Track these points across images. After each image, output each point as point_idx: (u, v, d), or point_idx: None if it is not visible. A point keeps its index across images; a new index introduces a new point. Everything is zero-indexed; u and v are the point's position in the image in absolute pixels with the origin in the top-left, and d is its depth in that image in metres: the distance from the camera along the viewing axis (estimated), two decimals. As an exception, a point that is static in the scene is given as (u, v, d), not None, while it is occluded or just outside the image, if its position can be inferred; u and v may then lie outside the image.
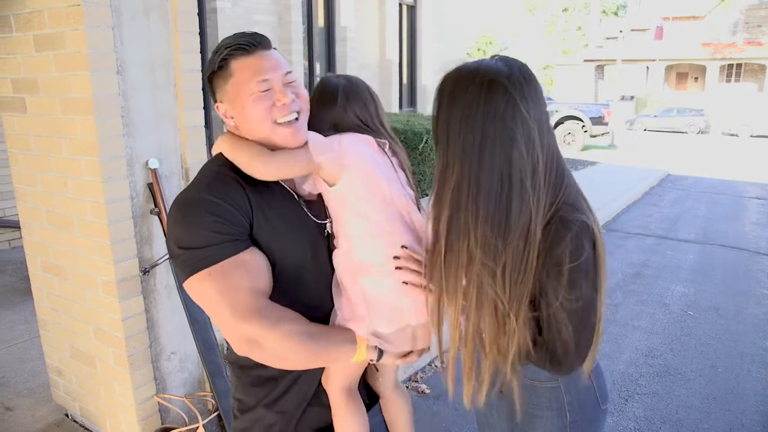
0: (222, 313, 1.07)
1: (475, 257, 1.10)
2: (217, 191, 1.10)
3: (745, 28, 32.02)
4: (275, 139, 1.14)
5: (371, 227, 1.19)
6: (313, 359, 1.16)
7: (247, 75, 1.12)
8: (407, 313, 1.21)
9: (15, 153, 2.46)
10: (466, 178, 1.09)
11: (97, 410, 2.55)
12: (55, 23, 2.06)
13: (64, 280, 2.44)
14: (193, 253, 1.08)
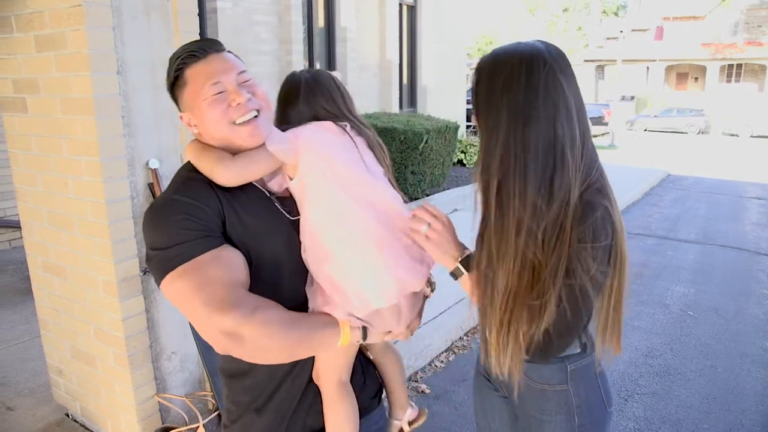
0: (197, 309, 1.04)
1: (523, 223, 1.14)
2: (187, 192, 1.11)
3: (746, 29, 32.02)
4: (235, 140, 1.15)
5: (331, 211, 1.18)
6: (297, 348, 1.13)
7: (200, 80, 1.13)
8: (378, 294, 1.18)
9: (16, 153, 2.47)
10: (513, 147, 1.14)
11: (98, 410, 2.56)
12: (55, 23, 2.07)
13: (65, 280, 2.44)
14: (165, 252, 1.07)
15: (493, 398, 1.56)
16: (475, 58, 3.17)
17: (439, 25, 10.67)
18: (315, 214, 1.18)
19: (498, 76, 1.16)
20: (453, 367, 3.53)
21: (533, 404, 1.41)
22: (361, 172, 1.24)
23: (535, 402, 1.40)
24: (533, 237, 1.14)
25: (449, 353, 3.71)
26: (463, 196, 7.71)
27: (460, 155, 10.14)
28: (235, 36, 6.43)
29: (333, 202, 1.18)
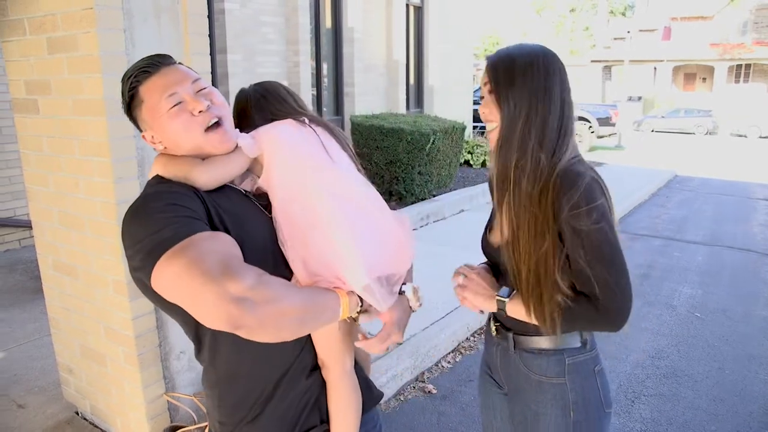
0: (198, 283, 0.92)
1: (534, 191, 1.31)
2: (165, 188, 1.11)
3: (755, 29, 31.83)
4: (206, 148, 1.16)
5: (297, 197, 1.20)
6: (307, 312, 1.06)
7: (155, 95, 1.13)
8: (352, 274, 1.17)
9: (27, 154, 2.49)
10: (534, 122, 1.31)
11: (108, 408, 2.58)
12: (67, 26, 2.09)
13: (76, 279, 2.46)
14: (156, 236, 0.99)
15: (495, 396, 1.61)
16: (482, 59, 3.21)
17: (446, 25, 10.67)
18: (282, 201, 1.21)
19: (520, 63, 1.32)
20: (460, 368, 3.54)
21: (530, 396, 1.45)
22: (324, 158, 1.27)
23: (532, 394, 1.44)
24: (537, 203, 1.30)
25: (456, 354, 3.72)
26: (470, 196, 7.71)
27: (467, 156, 10.14)
28: (243, 37, 6.47)
29: (297, 188, 1.21)
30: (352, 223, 1.20)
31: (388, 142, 6.91)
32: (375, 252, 1.21)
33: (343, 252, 1.17)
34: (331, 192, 1.22)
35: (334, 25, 8.29)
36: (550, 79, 1.32)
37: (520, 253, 1.33)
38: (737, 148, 18.51)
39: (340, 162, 1.30)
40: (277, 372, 1.20)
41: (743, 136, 22.91)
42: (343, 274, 1.17)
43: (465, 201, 7.56)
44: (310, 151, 1.28)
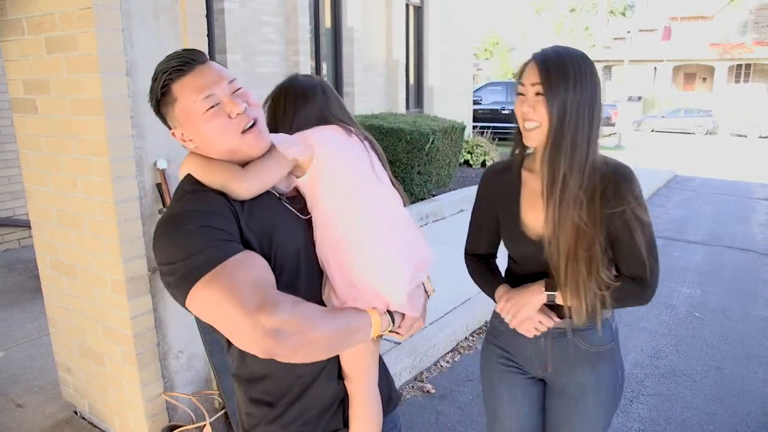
0: (235, 313, 0.98)
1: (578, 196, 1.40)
2: (199, 201, 1.09)
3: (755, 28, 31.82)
4: (242, 149, 1.13)
5: (344, 208, 1.18)
6: (339, 337, 1.10)
7: (191, 96, 1.10)
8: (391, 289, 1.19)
9: (26, 153, 2.50)
10: (584, 124, 1.38)
11: (106, 408, 2.58)
12: (66, 26, 2.09)
13: (74, 278, 2.47)
14: (191, 260, 1.01)
15: (521, 385, 1.68)
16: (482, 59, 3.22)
17: (446, 25, 10.67)
18: (328, 210, 1.18)
19: (572, 65, 1.37)
20: (458, 368, 3.54)
21: (588, 369, 1.58)
22: (371, 173, 1.25)
23: (590, 366, 1.57)
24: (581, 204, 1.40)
25: (455, 353, 3.72)
26: (469, 196, 7.71)
27: (466, 156, 10.16)
28: (243, 37, 6.47)
29: (345, 199, 1.18)
30: (395, 241, 1.20)
31: (387, 141, 6.91)
32: (410, 267, 1.22)
33: (386, 270, 1.18)
34: (377, 208, 1.21)
35: (333, 25, 8.30)
36: (595, 81, 1.40)
37: (560, 251, 1.42)
38: (737, 148, 18.50)
39: (382, 177, 1.28)
40: (306, 377, 1.22)
41: (743, 136, 22.90)
42: (383, 291, 1.18)
43: (464, 201, 7.56)
44: (360, 164, 1.25)
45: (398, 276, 1.18)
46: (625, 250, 1.44)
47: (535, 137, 1.42)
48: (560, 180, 1.39)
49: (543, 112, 1.38)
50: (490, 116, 15.60)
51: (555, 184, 1.40)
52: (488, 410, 1.77)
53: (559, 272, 1.44)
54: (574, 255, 1.40)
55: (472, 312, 4.10)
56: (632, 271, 1.46)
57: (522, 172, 1.58)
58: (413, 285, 1.23)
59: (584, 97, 1.37)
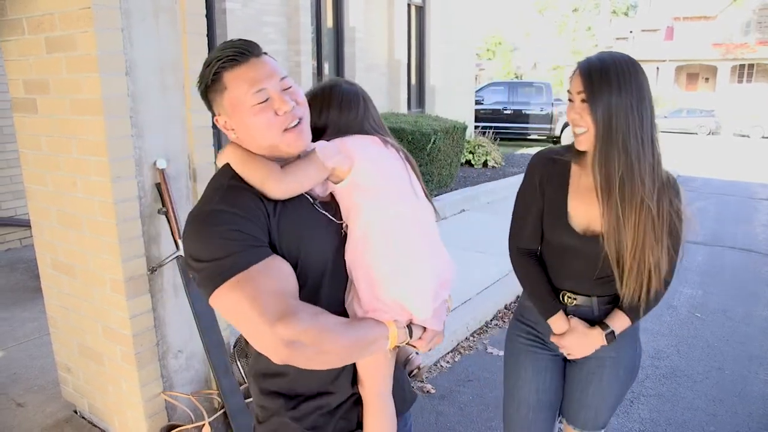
0: (255, 320, 1.02)
1: (645, 198, 1.47)
2: (232, 202, 1.09)
3: (758, 28, 31.76)
4: (281, 147, 1.13)
5: (380, 221, 1.17)
6: (354, 349, 1.13)
7: (242, 87, 1.10)
8: (418, 305, 1.21)
9: (26, 153, 2.50)
10: (632, 128, 1.44)
11: (105, 407, 2.59)
12: (65, 25, 2.09)
13: (73, 278, 2.47)
14: (217, 263, 1.04)
15: (546, 359, 1.79)
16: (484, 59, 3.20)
17: (448, 25, 10.67)
18: (363, 221, 1.18)
19: (614, 71, 1.43)
20: (458, 368, 3.54)
21: (611, 345, 1.67)
22: (409, 187, 1.25)
23: (612, 342, 1.67)
24: (648, 207, 1.48)
25: (455, 354, 3.72)
26: (471, 196, 7.71)
27: (468, 156, 10.15)
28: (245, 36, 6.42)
29: (382, 212, 1.18)
30: (428, 257, 1.21)
31: (388, 141, 6.90)
32: (438, 284, 1.24)
33: (417, 286, 1.19)
34: (413, 222, 1.21)
35: (335, 25, 8.30)
36: (641, 83, 1.45)
37: (624, 246, 1.50)
38: (740, 149, 18.47)
39: (418, 191, 1.27)
40: (324, 379, 1.22)
41: (746, 136, 22.85)
42: (410, 306, 1.19)
43: (466, 201, 7.55)
44: (398, 177, 1.24)
45: (427, 292, 1.20)
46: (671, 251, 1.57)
47: (584, 141, 1.51)
48: (617, 181, 1.46)
49: (588, 118, 1.46)
50: (492, 116, 15.59)
51: (612, 186, 1.47)
52: (508, 385, 1.86)
53: (622, 265, 1.53)
54: (642, 250, 1.50)
55: (473, 312, 4.10)
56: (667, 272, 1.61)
57: (572, 165, 1.64)
58: (439, 301, 1.25)
59: (630, 100, 1.43)
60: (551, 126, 15.54)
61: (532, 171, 1.71)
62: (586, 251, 1.59)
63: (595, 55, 1.50)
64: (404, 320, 1.20)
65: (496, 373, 3.46)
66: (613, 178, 1.46)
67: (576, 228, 1.60)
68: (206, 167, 2.47)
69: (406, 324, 1.21)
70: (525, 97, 15.92)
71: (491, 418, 3.00)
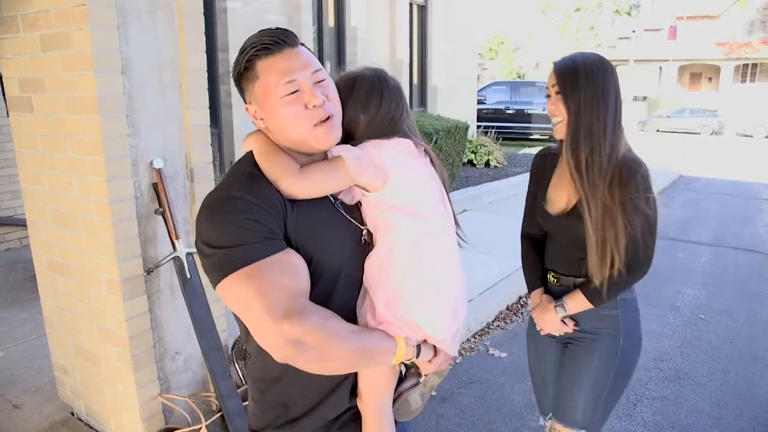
0: (261, 315, 1.00)
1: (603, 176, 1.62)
2: (250, 190, 1.06)
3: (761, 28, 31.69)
4: (310, 141, 1.10)
5: (408, 242, 1.13)
6: (357, 359, 1.11)
7: (273, 77, 1.07)
8: (436, 328, 1.18)
9: (22, 152, 2.47)
10: (596, 121, 1.61)
11: (102, 409, 2.56)
12: (60, 23, 2.07)
13: (69, 278, 2.44)
14: (229, 252, 1.02)
15: (550, 348, 1.94)
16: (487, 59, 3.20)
17: (450, 24, 10.63)
18: (392, 240, 1.14)
19: (582, 69, 1.61)
20: (459, 370, 3.50)
21: (589, 324, 1.81)
22: (440, 205, 1.20)
23: (590, 322, 1.80)
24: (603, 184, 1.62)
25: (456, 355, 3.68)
26: (472, 196, 7.68)
27: (470, 155, 10.11)
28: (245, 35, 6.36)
29: (413, 234, 1.14)
30: (451, 282, 1.18)
31: (390, 141, 6.87)
32: (457, 307, 1.21)
33: (440, 309, 1.16)
34: (441, 245, 1.17)
35: (337, 24, 8.27)
36: (608, 77, 1.62)
37: (592, 222, 1.62)
38: (743, 149, 18.40)
39: (448, 209, 1.22)
40: (322, 389, 1.19)
41: (749, 136, 22.78)
42: (428, 327, 1.17)
43: (468, 201, 7.52)
44: (433, 198, 1.19)
45: (449, 314, 1.18)
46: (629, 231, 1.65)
47: (559, 129, 1.68)
48: (584, 162, 1.61)
49: (562, 108, 1.64)
50: (494, 116, 15.56)
51: (580, 166, 1.62)
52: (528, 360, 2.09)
53: (590, 238, 1.64)
54: (602, 225, 1.62)
55: (475, 313, 4.07)
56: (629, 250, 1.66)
57: (559, 158, 1.80)
58: (459, 322, 1.22)
59: (595, 91, 1.60)
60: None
61: (532, 166, 1.96)
62: (562, 233, 1.79)
63: (569, 54, 1.69)
64: (415, 339, 1.17)
65: (498, 375, 3.43)
66: (581, 160, 1.62)
67: (551, 211, 1.79)
68: (204, 167, 2.44)
69: (416, 343, 1.17)
70: (527, 97, 15.88)
71: (492, 420, 2.96)
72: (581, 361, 1.82)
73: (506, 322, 4.20)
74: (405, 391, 1.31)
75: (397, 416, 1.29)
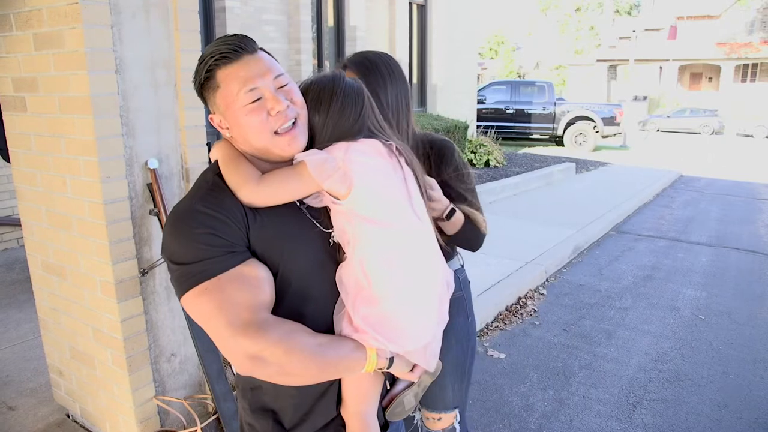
0: (220, 330, 1.00)
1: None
2: (211, 202, 1.05)
3: (762, 28, 31.65)
4: (273, 150, 1.09)
5: (378, 251, 1.11)
6: (321, 374, 1.08)
7: (234, 85, 1.06)
8: (412, 337, 1.15)
9: (16, 152, 2.45)
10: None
11: (97, 411, 2.54)
12: (54, 22, 2.04)
13: (64, 280, 2.42)
14: (188, 268, 1.03)
15: None
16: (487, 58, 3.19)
17: (450, 24, 10.61)
18: (356, 248, 1.11)
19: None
20: (458, 371, 3.48)
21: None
22: (408, 209, 1.16)
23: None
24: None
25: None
26: (471, 196, 7.64)
27: (470, 155, 10.08)
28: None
29: (380, 244, 1.11)
30: (421, 290, 1.15)
31: (389, 141, 6.86)
32: (431, 318, 1.18)
33: (406, 319, 1.13)
34: (413, 251, 1.14)
35: (336, 24, 8.25)
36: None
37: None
38: (743, 148, 18.37)
39: (419, 210, 1.18)
40: (308, 398, 1.17)
41: (750, 136, 22.77)
42: (400, 339, 1.13)
43: (467, 201, 7.48)
44: (398, 199, 1.15)
45: (416, 326, 1.15)
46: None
47: None
48: None
49: None
50: (494, 115, 15.53)
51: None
52: None
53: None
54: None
55: (473, 314, 4.04)
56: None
57: None
58: (428, 339, 1.19)
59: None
60: (553, 125, 15.48)
61: None
62: None
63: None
64: (389, 352, 1.14)
65: (497, 376, 3.40)
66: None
67: None
68: (199, 167, 2.42)
69: (389, 355, 1.14)
70: (527, 97, 15.85)
71: (491, 422, 2.94)
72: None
73: (505, 323, 4.18)
74: (399, 393, 1.29)
75: (391, 417, 1.28)
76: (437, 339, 1.23)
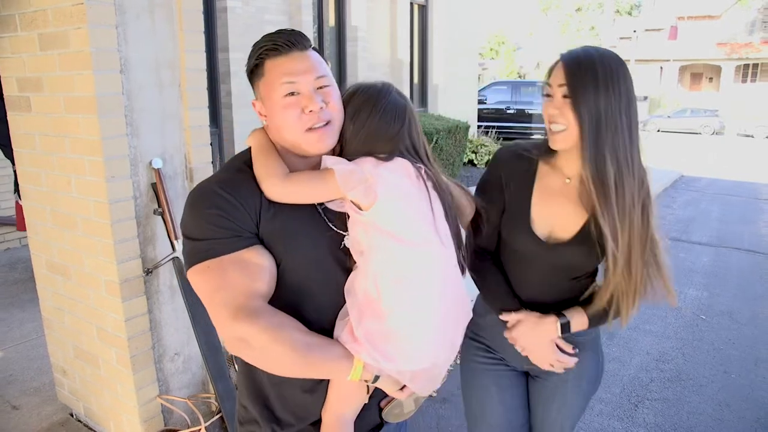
0: (216, 307, 1.06)
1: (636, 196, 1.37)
2: (229, 186, 1.10)
3: (762, 28, 31.62)
4: (303, 146, 1.13)
5: (391, 270, 1.10)
6: (305, 370, 1.10)
7: (276, 77, 1.11)
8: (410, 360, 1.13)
9: (20, 152, 2.46)
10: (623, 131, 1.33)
11: (101, 411, 2.55)
12: (59, 22, 2.05)
13: (68, 279, 2.43)
14: (196, 244, 1.08)
15: (508, 376, 1.67)
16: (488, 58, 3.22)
17: (451, 24, 10.62)
18: (376, 262, 1.10)
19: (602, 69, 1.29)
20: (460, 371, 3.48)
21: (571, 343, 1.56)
22: (431, 230, 1.14)
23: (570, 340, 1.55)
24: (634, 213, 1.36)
25: (456, 357, 3.66)
26: (473, 196, 7.65)
27: (470, 155, 10.09)
28: (245, 35, 6.42)
29: (398, 258, 1.10)
30: (432, 313, 1.13)
31: (390, 141, 6.87)
32: (436, 343, 1.16)
33: (409, 339, 1.11)
34: (427, 273, 1.12)
35: (337, 24, 8.25)
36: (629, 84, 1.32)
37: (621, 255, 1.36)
38: (744, 149, 18.37)
39: (443, 234, 1.16)
40: (297, 390, 1.19)
41: (750, 136, 22.74)
42: (398, 358, 1.11)
43: (468, 201, 7.49)
44: (422, 221, 1.13)
45: (415, 354, 1.13)
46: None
47: (561, 140, 1.36)
48: (613, 188, 1.33)
49: (570, 115, 1.31)
50: (495, 116, 15.52)
51: (609, 191, 1.33)
52: (472, 408, 1.74)
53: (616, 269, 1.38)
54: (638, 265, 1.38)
55: (475, 314, 4.04)
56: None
57: (540, 164, 1.49)
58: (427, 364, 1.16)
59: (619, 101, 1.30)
60: (554, 126, 15.45)
61: (497, 166, 1.56)
62: (546, 260, 1.47)
63: (580, 48, 1.35)
64: (377, 369, 1.13)
65: (499, 376, 3.41)
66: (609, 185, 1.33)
67: (536, 231, 1.46)
68: (203, 167, 2.43)
69: (378, 373, 1.14)
70: (528, 97, 15.84)
71: (493, 422, 2.95)
72: (571, 396, 1.60)
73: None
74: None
75: (387, 418, 1.28)
76: (442, 365, 1.20)
